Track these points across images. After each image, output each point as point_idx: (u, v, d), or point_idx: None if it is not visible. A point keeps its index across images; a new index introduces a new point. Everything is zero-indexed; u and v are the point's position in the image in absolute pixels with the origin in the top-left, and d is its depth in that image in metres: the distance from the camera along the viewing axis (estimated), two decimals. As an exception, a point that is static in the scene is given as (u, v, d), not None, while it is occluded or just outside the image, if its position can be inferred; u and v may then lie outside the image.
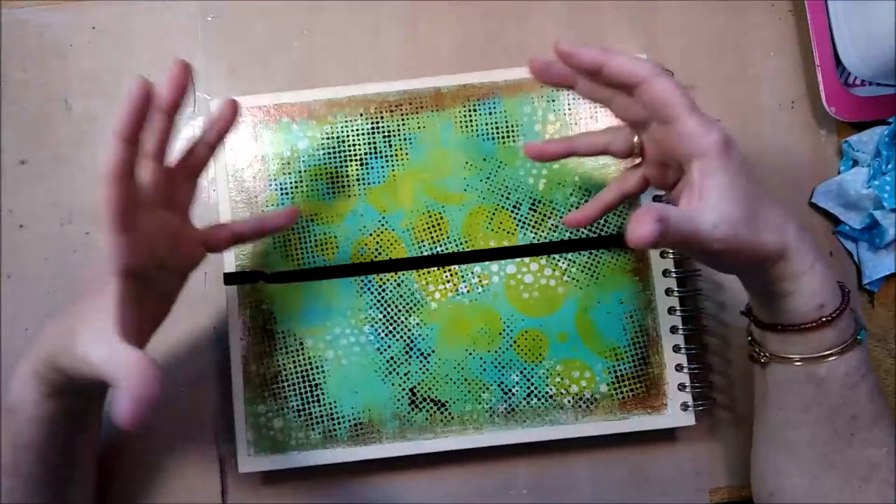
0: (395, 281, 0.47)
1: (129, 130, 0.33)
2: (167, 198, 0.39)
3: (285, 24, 0.51)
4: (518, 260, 0.47)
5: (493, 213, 0.47)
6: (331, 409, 0.46)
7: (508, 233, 0.47)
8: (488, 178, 0.47)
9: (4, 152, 0.51)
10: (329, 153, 0.48)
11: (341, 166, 0.48)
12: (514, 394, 0.46)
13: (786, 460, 0.40)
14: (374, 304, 0.47)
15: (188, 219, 0.41)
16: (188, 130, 0.50)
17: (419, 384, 0.46)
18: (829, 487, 0.39)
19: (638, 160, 0.41)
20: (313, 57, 0.51)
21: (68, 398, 0.40)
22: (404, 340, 0.46)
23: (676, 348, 0.46)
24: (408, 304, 0.47)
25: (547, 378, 0.46)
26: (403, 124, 0.48)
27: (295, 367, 0.46)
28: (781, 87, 0.51)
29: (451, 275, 0.47)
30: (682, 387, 0.46)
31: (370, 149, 0.48)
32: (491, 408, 0.46)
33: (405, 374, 0.46)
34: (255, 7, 0.52)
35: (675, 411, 0.46)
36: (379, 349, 0.46)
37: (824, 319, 0.37)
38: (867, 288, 0.49)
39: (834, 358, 0.37)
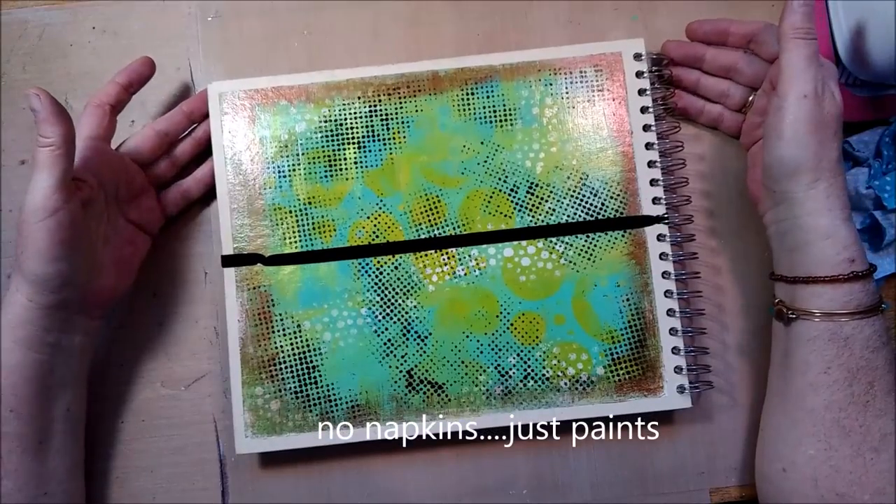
0: (393, 264, 0.47)
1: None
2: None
3: (285, 24, 0.51)
4: (515, 243, 0.47)
5: (491, 197, 0.47)
6: (328, 391, 0.46)
7: (506, 216, 0.47)
8: (486, 161, 0.47)
9: (4, 152, 0.51)
10: (327, 136, 0.48)
11: (339, 149, 0.48)
12: (510, 376, 0.46)
13: (803, 429, 0.41)
14: (372, 287, 0.47)
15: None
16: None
17: (416, 366, 0.46)
18: (842, 457, 0.39)
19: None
20: (313, 57, 0.51)
21: (39, 350, 0.41)
22: (401, 323, 0.46)
23: (673, 331, 0.46)
24: (405, 286, 0.47)
25: (544, 360, 0.46)
26: (401, 107, 0.48)
27: (292, 349, 0.46)
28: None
29: (449, 258, 0.47)
30: (678, 370, 0.46)
31: (368, 132, 0.48)
32: (488, 390, 0.46)
33: (402, 357, 0.46)
34: (254, 7, 0.52)
35: (672, 394, 0.46)
36: (376, 331, 0.46)
37: (854, 274, 0.39)
38: None
39: (860, 317, 0.39)
